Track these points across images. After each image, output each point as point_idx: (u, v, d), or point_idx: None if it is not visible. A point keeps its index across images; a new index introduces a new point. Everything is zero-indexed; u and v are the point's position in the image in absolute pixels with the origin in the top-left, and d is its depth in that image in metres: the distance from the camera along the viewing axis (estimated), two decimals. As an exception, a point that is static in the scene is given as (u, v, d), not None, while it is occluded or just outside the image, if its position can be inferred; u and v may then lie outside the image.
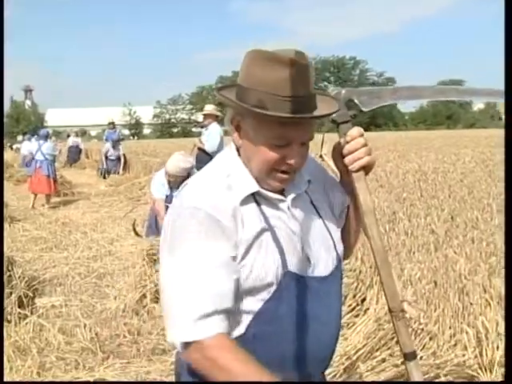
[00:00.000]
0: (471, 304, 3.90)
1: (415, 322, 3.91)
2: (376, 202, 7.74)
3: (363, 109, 1.55)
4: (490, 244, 5.22)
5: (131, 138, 77.65)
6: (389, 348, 3.69)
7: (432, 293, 4.11)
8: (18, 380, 3.92)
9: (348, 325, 4.25)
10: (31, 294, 5.57)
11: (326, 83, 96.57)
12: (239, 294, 1.42)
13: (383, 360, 3.64)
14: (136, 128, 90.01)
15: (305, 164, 1.49)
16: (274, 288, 1.43)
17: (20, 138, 35.60)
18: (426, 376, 3.46)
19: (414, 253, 5.08)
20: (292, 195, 1.52)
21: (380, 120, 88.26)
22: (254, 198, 1.47)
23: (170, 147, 24.05)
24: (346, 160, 1.50)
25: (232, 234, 1.38)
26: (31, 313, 5.17)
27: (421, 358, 3.68)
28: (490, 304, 3.80)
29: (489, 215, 6.67)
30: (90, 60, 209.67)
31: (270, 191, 1.49)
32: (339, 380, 3.53)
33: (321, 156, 1.61)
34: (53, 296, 5.95)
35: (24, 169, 14.74)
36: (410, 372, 1.56)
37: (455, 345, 3.75)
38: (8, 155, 26.45)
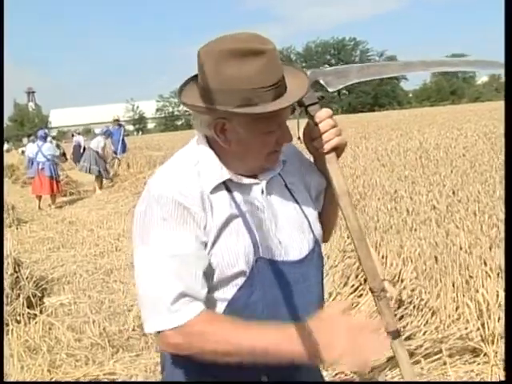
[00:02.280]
0: (471, 277, 3.92)
1: (417, 298, 3.94)
2: (378, 181, 7.76)
3: (329, 89, 1.52)
4: (492, 216, 5.22)
5: (135, 133, 77.72)
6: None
7: (433, 268, 4.13)
8: (29, 379, 3.98)
9: (352, 305, 4.28)
10: (39, 294, 5.63)
11: (327, 66, 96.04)
12: (212, 281, 1.42)
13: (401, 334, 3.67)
14: (140, 123, 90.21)
15: None
16: (246, 275, 1.41)
17: (25, 140, 35.77)
18: (430, 351, 3.50)
19: (415, 230, 5.08)
20: (267, 177, 1.50)
21: (384, 100, 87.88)
22: (226, 185, 1.44)
23: (173, 140, 24.13)
24: (316, 142, 1.49)
25: (201, 221, 1.37)
26: (40, 312, 5.23)
27: (424, 333, 3.72)
28: (489, 276, 3.81)
29: (491, 187, 6.65)
30: (90, 59, 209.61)
31: (244, 176, 1.47)
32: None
33: (299, 138, 1.59)
34: (61, 294, 6.01)
35: (28, 171, 14.80)
36: (395, 350, 1.54)
37: (458, 319, 3.76)
38: (14, 158, 26.59)
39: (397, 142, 13.77)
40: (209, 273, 1.40)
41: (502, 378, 3.13)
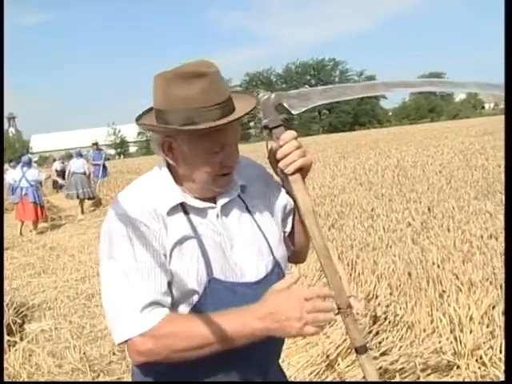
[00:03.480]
0: (444, 292, 4.00)
1: (392, 314, 4.01)
2: (355, 199, 7.87)
3: (293, 112, 1.55)
4: (466, 231, 5.34)
5: (117, 157, 77.49)
6: (367, 342, 3.78)
7: (406, 284, 4.21)
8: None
9: (330, 322, 4.33)
10: (20, 321, 5.61)
11: (307, 86, 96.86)
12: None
13: (369, 350, 3.73)
14: (121, 147, 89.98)
15: (237, 164, 1.53)
16: (198, 294, 1.46)
17: (6, 166, 35.52)
18: (405, 366, 3.56)
19: (390, 247, 5.18)
20: (222, 202, 1.55)
21: (364, 119, 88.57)
22: (183, 207, 1.50)
23: (153, 163, 23.96)
24: (281, 164, 1.52)
25: (160, 238, 1.45)
26: (21, 339, 5.20)
27: (399, 348, 3.78)
28: (461, 290, 3.90)
29: (466, 203, 6.79)
30: (71, 83, 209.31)
31: (200, 199, 1.52)
32: (320, 379, 3.61)
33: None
34: (42, 321, 5.97)
35: (10, 197, 14.73)
36: (363, 365, 1.60)
37: (432, 333, 3.83)
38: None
39: (375, 160, 13.95)
40: (169, 284, 1.48)
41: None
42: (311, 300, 1.35)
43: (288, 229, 1.70)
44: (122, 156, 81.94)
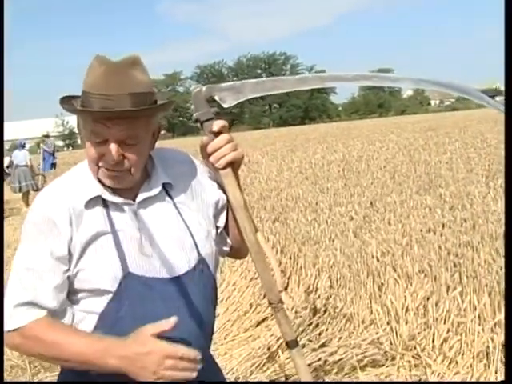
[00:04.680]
0: (382, 284, 4.11)
1: (332, 307, 4.10)
2: (301, 193, 7.95)
3: (224, 105, 1.53)
4: (406, 225, 5.48)
5: (65, 148, 75.92)
6: (307, 334, 3.86)
7: (346, 277, 4.31)
8: None
9: (272, 316, 4.39)
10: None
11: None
12: (82, 293, 1.51)
13: (303, 346, 3.80)
14: (70, 138, 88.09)
15: (137, 163, 1.49)
16: (113, 290, 1.47)
17: None
18: (343, 357, 3.65)
19: (333, 240, 5.27)
20: (140, 198, 1.55)
21: (314, 113, 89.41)
22: (104, 201, 1.52)
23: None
24: (212, 158, 1.51)
25: (66, 235, 1.47)
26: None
27: (339, 339, 3.87)
28: (398, 282, 4.01)
29: (407, 197, 6.95)
30: (18, 70, 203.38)
31: (117, 194, 1.53)
32: (258, 374, 3.66)
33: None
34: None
35: None
36: (294, 359, 1.63)
37: (370, 324, 3.95)
38: None
39: (322, 154, 14.12)
40: (76, 286, 1.51)
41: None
42: (173, 359, 1.37)
43: (221, 224, 1.70)
44: (71, 147, 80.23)
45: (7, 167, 17.63)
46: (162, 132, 1.83)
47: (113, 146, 1.44)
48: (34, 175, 14.95)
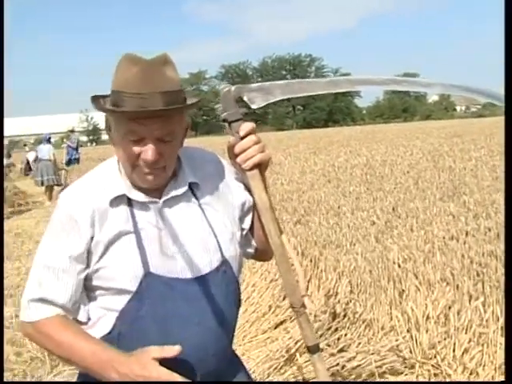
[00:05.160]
0: (403, 291, 4.07)
1: (351, 312, 4.07)
2: (323, 196, 7.93)
3: (253, 106, 1.52)
4: (428, 232, 5.43)
5: (89, 144, 76.65)
6: (325, 338, 3.83)
7: (367, 282, 4.27)
8: None
9: (291, 318, 4.38)
10: (-20, 307, 5.53)
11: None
12: (102, 291, 1.52)
13: (321, 349, 3.78)
14: (94, 134, 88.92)
15: (170, 160, 1.50)
16: (133, 289, 1.47)
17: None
18: (362, 363, 3.62)
19: (354, 245, 5.24)
20: (165, 197, 1.54)
21: (338, 116, 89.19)
22: (128, 200, 1.52)
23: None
24: (239, 159, 1.50)
25: (87, 234, 1.48)
26: (-20, 325, 5.14)
27: (357, 345, 3.84)
28: (419, 290, 3.97)
29: (431, 204, 6.90)
30: (44, 67, 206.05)
31: (143, 192, 1.53)
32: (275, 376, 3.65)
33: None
34: (3, 307, 5.92)
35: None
36: (314, 364, 1.62)
37: (390, 331, 3.90)
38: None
39: (345, 158, 14.07)
40: (96, 283, 1.52)
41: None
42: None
43: (246, 226, 1.69)
44: (95, 143, 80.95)
45: (34, 161, 17.89)
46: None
47: (151, 145, 1.44)
48: (56, 170, 15.11)
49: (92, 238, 1.49)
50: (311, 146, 21.54)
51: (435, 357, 3.47)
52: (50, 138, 16.00)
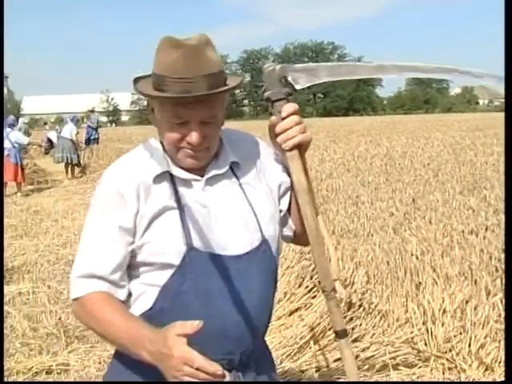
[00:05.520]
0: (420, 283, 4.05)
1: (367, 302, 4.06)
2: (341, 185, 7.90)
3: (297, 87, 1.50)
4: (447, 225, 5.39)
5: (109, 124, 76.99)
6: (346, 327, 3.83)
7: (384, 273, 4.26)
8: None
9: (305, 305, 4.38)
10: (-2, 282, 5.60)
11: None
12: (145, 266, 1.53)
13: (335, 339, 3.77)
14: (114, 115, 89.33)
15: (213, 141, 1.52)
16: (176, 264, 1.48)
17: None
18: (375, 354, 3.62)
19: (372, 235, 5.22)
20: (208, 175, 1.55)
21: (358, 105, 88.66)
22: (171, 176, 1.53)
23: (145, 133, 23.93)
24: (279, 139, 1.49)
25: (133, 208, 1.49)
26: (-2, 300, 5.21)
27: (372, 335, 3.84)
28: (437, 283, 3.95)
29: (450, 197, 6.84)
30: (66, 46, 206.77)
31: (185, 170, 1.54)
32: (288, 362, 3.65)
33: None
34: (21, 283, 5.98)
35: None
36: (341, 349, 1.60)
37: (405, 323, 3.89)
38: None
39: (365, 147, 14.00)
40: (139, 259, 1.53)
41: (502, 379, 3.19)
42: (190, 366, 1.30)
43: (284, 207, 1.68)
44: (114, 124, 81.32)
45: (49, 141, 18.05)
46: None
47: (195, 128, 1.46)
48: (76, 149, 15.18)
49: (137, 212, 1.50)
50: (331, 135, 21.45)
51: (450, 351, 3.46)
52: (77, 119, 16.12)
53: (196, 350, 1.35)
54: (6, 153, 12.45)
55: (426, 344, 3.63)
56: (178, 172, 1.54)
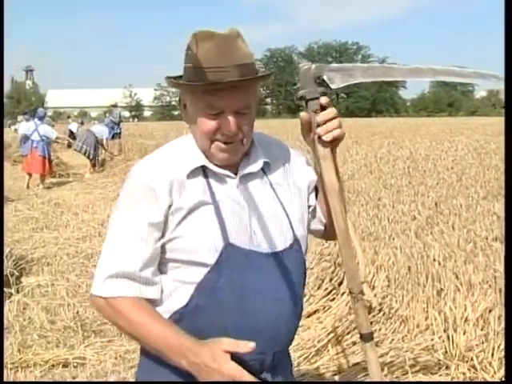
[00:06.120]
0: (442, 290, 3.98)
1: (387, 307, 4.00)
2: (363, 186, 7.83)
3: (332, 86, 1.48)
4: (471, 231, 5.30)
5: (131, 119, 77.49)
6: (373, 330, 3.77)
7: (405, 278, 4.19)
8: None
9: (324, 308, 4.33)
10: (18, 273, 5.63)
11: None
12: (178, 263, 1.50)
13: (353, 343, 3.73)
14: (137, 110, 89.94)
15: (248, 133, 1.51)
16: (213, 259, 1.47)
17: (20, 118, 35.71)
18: (395, 359, 3.56)
19: (393, 238, 5.15)
20: (242, 172, 1.56)
21: (381, 106, 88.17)
22: (204, 172, 1.53)
23: (167, 129, 24.08)
24: (320, 130, 1.46)
25: (164, 203, 1.47)
26: (17, 292, 5.22)
27: (391, 341, 3.77)
28: (459, 290, 3.87)
29: (474, 202, 6.73)
30: (91, 41, 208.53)
31: (220, 166, 1.53)
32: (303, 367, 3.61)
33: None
34: (40, 275, 6.01)
35: (20, 149, 14.77)
36: (366, 352, 1.57)
37: (426, 329, 3.82)
38: (7, 135, 26.39)
39: (387, 149, 13.89)
40: (171, 256, 1.51)
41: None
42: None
43: (312, 202, 1.69)
44: (136, 119, 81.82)
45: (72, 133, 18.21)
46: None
47: (231, 117, 1.45)
48: (97, 148, 15.28)
49: (170, 206, 1.48)
50: (353, 136, 21.28)
51: (472, 360, 3.38)
52: (112, 126, 16.32)
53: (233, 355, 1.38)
54: (34, 145, 12.56)
55: (446, 352, 3.56)
56: (214, 167, 1.53)
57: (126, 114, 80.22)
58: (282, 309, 1.53)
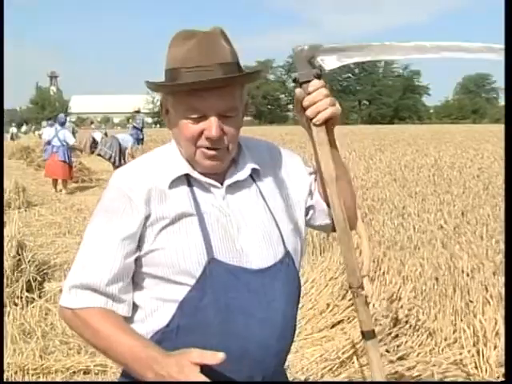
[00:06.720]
0: (471, 302, 3.87)
1: (414, 319, 3.90)
2: (388, 195, 7.72)
3: (326, 68, 1.40)
4: (500, 241, 5.17)
5: (153, 125, 78.06)
6: (385, 344, 3.68)
7: (432, 289, 4.09)
8: (21, 361, 3.97)
9: (348, 318, 4.25)
10: (40, 279, 5.64)
11: (350, 74, 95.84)
12: (156, 279, 1.41)
13: (380, 355, 3.63)
14: (159, 116, 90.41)
15: (234, 139, 1.42)
16: (196, 276, 1.37)
17: (44, 123, 36.23)
18: (422, 373, 3.46)
19: (419, 248, 5.05)
20: (228, 182, 1.46)
21: (404, 113, 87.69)
22: (189, 181, 1.44)
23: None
24: (309, 112, 1.38)
25: (141, 213, 1.39)
26: (39, 297, 5.23)
27: (418, 354, 3.68)
28: (489, 303, 3.76)
29: (502, 212, 6.59)
30: (114, 47, 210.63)
31: (205, 175, 1.44)
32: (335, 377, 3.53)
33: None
34: (62, 280, 6.00)
35: (44, 154, 14.91)
36: (367, 351, 1.52)
37: (454, 343, 3.72)
38: (31, 140, 26.71)
39: (412, 157, 13.73)
40: (149, 271, 1.42)
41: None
42: None
43: (314, 202, 1.60)
44: (159, 125, 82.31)
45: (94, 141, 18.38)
46: (249, 118, 1.73)
47: (213, 120, 1.36)
48: (122, 156, 15.39)
49: (147, 216, 1.39)
50: (376, 143, 21.16)
51: (503, 376, 3.27)
52: (138, 138, 16.50)
53: (215, 373, 1.28)
54: (54, 150, 12.66)
55: (476, 367, 3.45)
56: (199, 176, 1.44)
57: (149, 120, 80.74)
58: (272, 330, 1.42)
